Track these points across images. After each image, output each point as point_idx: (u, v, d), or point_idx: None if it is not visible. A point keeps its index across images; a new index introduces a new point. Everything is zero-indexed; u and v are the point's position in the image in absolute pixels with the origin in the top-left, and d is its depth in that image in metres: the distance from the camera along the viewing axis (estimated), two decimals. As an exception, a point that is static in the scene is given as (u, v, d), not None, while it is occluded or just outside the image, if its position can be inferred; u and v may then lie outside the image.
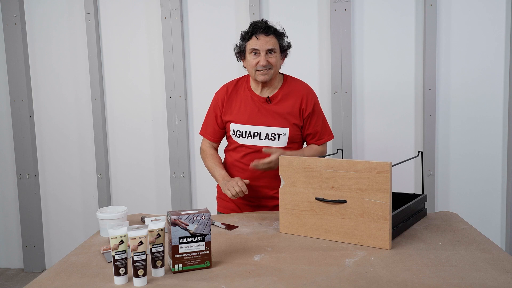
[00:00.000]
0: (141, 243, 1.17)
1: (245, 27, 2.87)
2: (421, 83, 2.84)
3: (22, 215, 3.23)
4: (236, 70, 2.83)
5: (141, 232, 1.18)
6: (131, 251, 1.16)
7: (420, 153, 1.79)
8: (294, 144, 1.92)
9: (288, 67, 2.93)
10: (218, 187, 2.05)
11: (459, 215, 1.78)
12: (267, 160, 1.74)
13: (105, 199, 3.16)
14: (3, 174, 3.29)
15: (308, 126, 1.92)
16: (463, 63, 2.80)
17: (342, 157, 1.95)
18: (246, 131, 1.88)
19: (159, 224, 1.22)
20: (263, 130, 1.86)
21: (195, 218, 1.24)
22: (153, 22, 3.05)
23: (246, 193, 1.74)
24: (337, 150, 1.98)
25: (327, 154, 2.92)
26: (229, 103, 1.92)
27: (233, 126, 1.90)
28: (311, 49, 2.92)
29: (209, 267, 1.27)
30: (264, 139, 1.86)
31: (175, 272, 1.24)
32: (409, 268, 1.23)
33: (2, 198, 3.31)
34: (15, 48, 3.13)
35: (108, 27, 3.10)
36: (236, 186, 1.73)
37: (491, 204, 2.87)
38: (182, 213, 1.25)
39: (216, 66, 2.99)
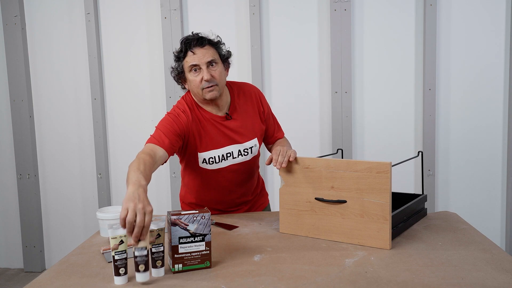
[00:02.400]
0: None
1: (245, 27, 2.92)
2: (421, 83, 2.84)
3: (22, 215, 3.23)
4: (236, 69, 2.84)
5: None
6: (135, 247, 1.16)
7: (420, 153, 1.79)
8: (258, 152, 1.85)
9: (288, 67, 2.94)
10: (183, 205, 1.93)
11: (459, 215, 1.78)
12: (289, 156, 1.55)
13: (105, 199, 3.16)
14: (3, 174, 3.29)
15: (268, 126, 1.86)
16: (463, 63, 2.80)
17: (342, 157, 1.94)
18: (219, 155, 1.73)
19: (159, 224, 1.22)
20: (234, 148, 1.74)
21: (195, 218, 1.24)
22: (153, 22, 3.05)
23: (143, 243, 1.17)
24: (337, 150, 1.98)
25: (327, 154, 2.93)
26: (191, 128, 1.70)
27: (203, 155, 1.71)
28: (311, 49, 2.93)
29: (209, 267, 1.27)
30: (237, 157, 1.76)
31: (175, 272, 1.24)
32: (409, 268, 1.23)
33: (2, 198, 3.31)
34: (15, 48, 3.13)
35: (108, 27, 3.10)
36: (140, 214, 1.15)
37: (491, 204, 2.87)
38: (182, 213, 1.25)
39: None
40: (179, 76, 1.70)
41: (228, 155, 1.75)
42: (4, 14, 3.12)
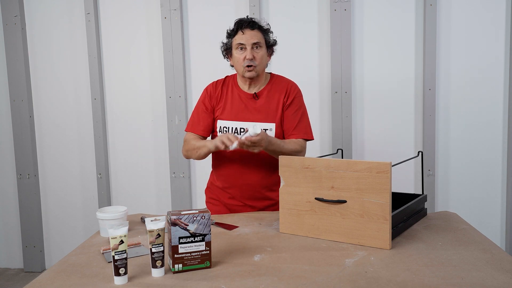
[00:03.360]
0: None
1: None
2: (421, 83, 2.84)
3: (22, 215, 3.23)
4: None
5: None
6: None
7: (420, 153, 1.79)
8: None
9: (288, 67, 2.94)
10: (207, 191, 2.05)
11: (459, 215, 1.78)
12: (254, 138, 1.64)
13: (105, 199, 3.16)
14: (3, 174, 3.29)
15: (286, 119, 1.88)
16: (463, 63, 2.80)
17: (342, 157, 1.95)
18: (233, 127, 1.87)
19: (159, 224, 1.22)
20: (249, 126, 1.84)
21: (195, 218, 1.24)
22: (153, 22, 3.05)
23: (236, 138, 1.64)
24: (337, 150, 1.98)
25: (327, 154, 2.93)
26: (218, 99, 1.93)
27: (220, 123, 1.90)
28: (311, 49, 2.92)
29: (209, 267, 1.27)
30: None
31: (175, 272, 1.24)
32: (409, 268, 1.23)
33: (2, 198, 3.31)
34: (15, 48, 3.13)
35: (108, 27, 3.10)
36: (225, 138, 1.66)
37: (491, 204, 2.87)
38: (182, 213, 1.25)
39: (216, 66, 2.98)
40: (227, 52, 1.93)
41: (242, 130, 1.85)
42: (4, 14, 3.12)
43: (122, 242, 1.18)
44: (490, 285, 1.11)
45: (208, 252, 1.27)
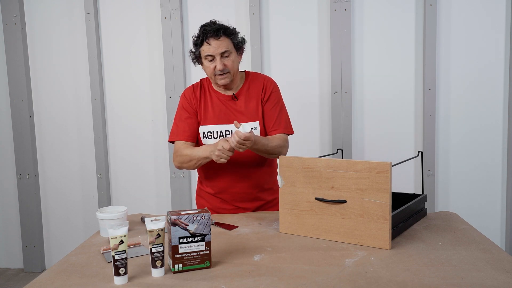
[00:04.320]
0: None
1: (245, 27, 2.92)
2: (421, 83, 2.84)
3: (22, 215, 3.23)
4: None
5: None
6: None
7: (420, 153, 1.79)
8: None
9: (289, 67, 2.94)
10: (197, 198, 2.01)
11: (459, 215, 1.78)
12: (243, 136, 1.57)
13: (105, 199, 3.16)
14: (3, 174, 3.29)
15: (265, 114, 1.87)
16: (463, 63, 2.80)
17: (342, 157, 1.94)
18: (217, 131, 1.83)
19: (159, 224, 1.23)
20: (234, 127, 1.79)
21: (195, 218, 1.24)
22: (153, 22, 3.05)
23: (232, 151, 1.62)
24: (337, 150, 1.98)
25: (327, 154, 2.93)
26: (198, 103, 1.88)
27: (203, 128, 1.85)
28: (311, 49, 2.92)
29: (209, 267, 1.27)
30: None
31: (175, 272, 1.24)
32: (409, 268, 1.23)
33: (2, 198, 3.31)
34: (15, 48, 3.13)
35: (108, 27, 3.10)
36: (224, 152, 1.61)
37: (491, 204, 2.87)
38: (182, 213, 1.25)
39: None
40: (197, 59, 1.86)
41: (227, 132, 1.82)
42: (4, 14, 3.12)
43: (122, 242, 1.18)
44: (490, 285, 1.11)
45: (208, 252, 1.27)
